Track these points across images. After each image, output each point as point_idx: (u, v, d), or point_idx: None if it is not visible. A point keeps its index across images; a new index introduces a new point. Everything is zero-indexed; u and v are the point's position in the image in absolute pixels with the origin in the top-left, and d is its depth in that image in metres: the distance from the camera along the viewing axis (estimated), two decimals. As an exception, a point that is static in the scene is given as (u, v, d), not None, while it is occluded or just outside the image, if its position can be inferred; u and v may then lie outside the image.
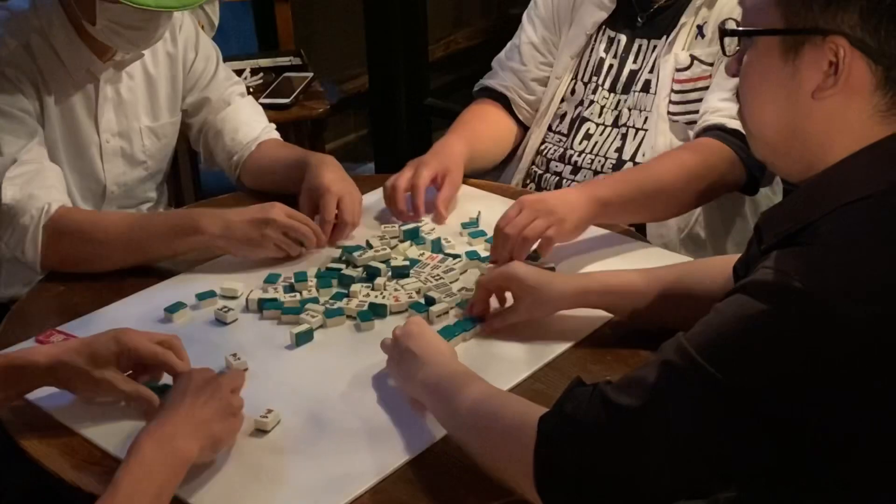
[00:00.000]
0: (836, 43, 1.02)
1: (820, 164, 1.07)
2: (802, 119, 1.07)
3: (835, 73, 1.03)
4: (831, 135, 1.06)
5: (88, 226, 1.67)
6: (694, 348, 1.01)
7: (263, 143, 1.99)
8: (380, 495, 1.19)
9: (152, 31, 1.76)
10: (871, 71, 1.03)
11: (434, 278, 1.60)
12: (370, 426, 1.30)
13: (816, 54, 1.04)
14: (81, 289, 1.62)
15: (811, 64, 1.04)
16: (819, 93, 1.04)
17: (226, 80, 2.03)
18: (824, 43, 1.03)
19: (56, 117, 1.83)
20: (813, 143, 1.07)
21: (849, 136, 1.05)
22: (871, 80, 1.03)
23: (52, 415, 1.33)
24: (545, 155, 2.01)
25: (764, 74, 1.09)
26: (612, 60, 1.97)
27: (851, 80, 1.03)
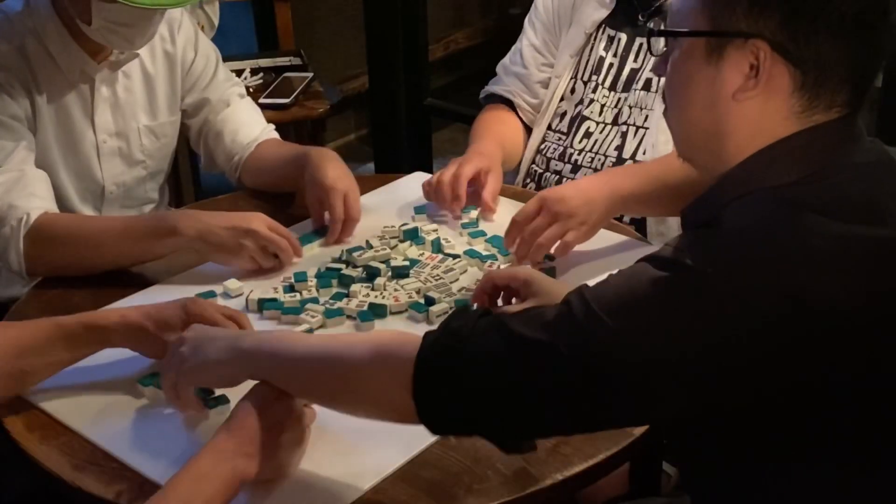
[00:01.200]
0: (757, 46, 1.05)
1: (734, 159, 1.11)
2: (722, 119, 1.10)
3: (755, 76, 1.06)
4: (747, 134, 1.09)
5: (69, 232, 1.66)
6: (592, 299, 1.04)
7: (263, 142, 2.00)
8: (380, 495, 1.19)
9: (146, 29, 1.76)
10: (790, 74, 1.06)
11: (434, 278, 1.60)
12: (370, 426, 1.29)
13: (738, 57, 1.07)
14: (81, 289, 1.62)
15: (733, 66, 1.07)
16: (739, 94, 1.08)
17: (225, 81, 2.03)
18: (746, 46, 1.06)
19: (50, 119, 1.83)
20: (729, 141, 1.11)
21: (764, 134, 1.09)
22: (789, 83, 1.06)
23: (52, 415, 1.33)
24: (545, 154, 2.02)
25: (688, 75, 1.12)
26: (612, 59, 1.97)
27: (771, 83, 1.06)
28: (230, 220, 1.64)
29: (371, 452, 1.25)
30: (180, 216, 1.66)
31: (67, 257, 1.65)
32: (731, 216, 1.06)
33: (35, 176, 1.73)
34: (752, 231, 1.03)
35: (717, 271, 1.00)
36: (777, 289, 0.98)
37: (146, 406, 1.35)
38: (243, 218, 1.64)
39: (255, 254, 1.63)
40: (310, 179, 1.79)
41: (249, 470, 1.14)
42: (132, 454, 1.25)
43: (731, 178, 1.10)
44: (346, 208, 1.74)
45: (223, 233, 1.62)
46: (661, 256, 1.05)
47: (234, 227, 1.62)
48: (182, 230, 1.62)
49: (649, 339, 1.00)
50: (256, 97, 2.75)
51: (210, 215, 1.65)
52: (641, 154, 1.89)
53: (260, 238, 1.62)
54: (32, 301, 1.63)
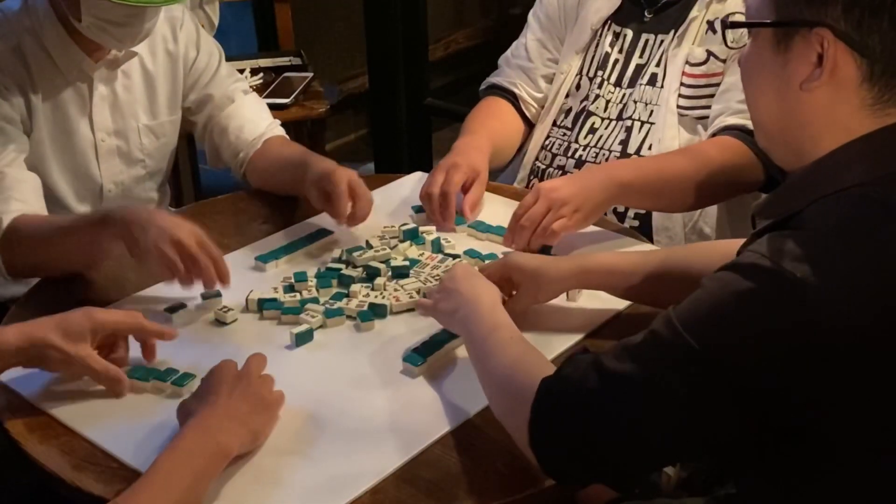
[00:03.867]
0: (822, 35, 1.05)
1: (811, 154, 1.10)
2: (793, 110, 1.10)
3: (821, 66, 1.06)
4: (820, 126, 1.09)
5: (34, 232, 1.65)
6: (678, 320, 1.04)
7: (269, 140, 1.99)
8: (380, 495, 1.19)
9: (138, 28, 1.76)
10: (857, 64, 1.05)
11: (434, 278, 1.60)
12: (370, 426, 1.30)
13: (804, 46, 1.06)
14: (81, 289, 1.62)
15: (800, 56, 1.07)
16: (807, 84, 1.07)
17: (228, 77, 2.03)
18: (810, 35, 1.05)
19: (47, 119, 1.83)
20: (804, 134, 1.10)
21: (838, 127, 1.08)
22: (856, 73, 1.05)
23: (52, 415, 1.33)
24: (549, 150, 2.02)
25: (759, 66, 1.13)
26: (617, 55, 1.98)
27: (837, 73, 1.05)
28: (163, 221, 1.52)
29: (371, 452, 1.25)
30: (121, 208, 1.59)
31: (39, 257, 1.64)
32: (817, 217, 1.04)
33: (18, 178, 1.72)
34: (846, 233, 1.01)
35: (811, 276, 0.98)
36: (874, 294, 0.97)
37: (146, 406, 1.35)
38: (175, 224, 1.52)
39: (170, 263, 1.49)
40: (313, 178, 1.77)
41: (231, 445, 1.17)
42: (132, 454, 1.25)
43: (810, 174, 1.09)
44: (353, 191, 1.73)
45: (150, 229, 1.50)
46: (742, 263, 1.04)
47: (161, 228, 1.50)
48: (114, 220, 1.54)
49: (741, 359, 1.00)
50: (256, 97, 2.75)
51: (151, 212, 1.56)
52: (647, 149, 1.89)
53: (181, 248, 1.49)
54: (33, 300, 1.62)
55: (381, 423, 1.30)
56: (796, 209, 1.07)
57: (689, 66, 1.87)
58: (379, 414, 1.32)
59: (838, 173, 1.06)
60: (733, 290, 1.02)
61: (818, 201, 1.05)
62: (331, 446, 1.27)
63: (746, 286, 1.01)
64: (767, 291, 1.00)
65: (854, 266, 0.99)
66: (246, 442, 1.21)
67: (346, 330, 1.51)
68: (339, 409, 1.33)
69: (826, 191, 1.05)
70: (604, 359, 1.08)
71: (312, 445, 1.27)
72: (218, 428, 1.18)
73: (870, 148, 1.06)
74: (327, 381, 1.39)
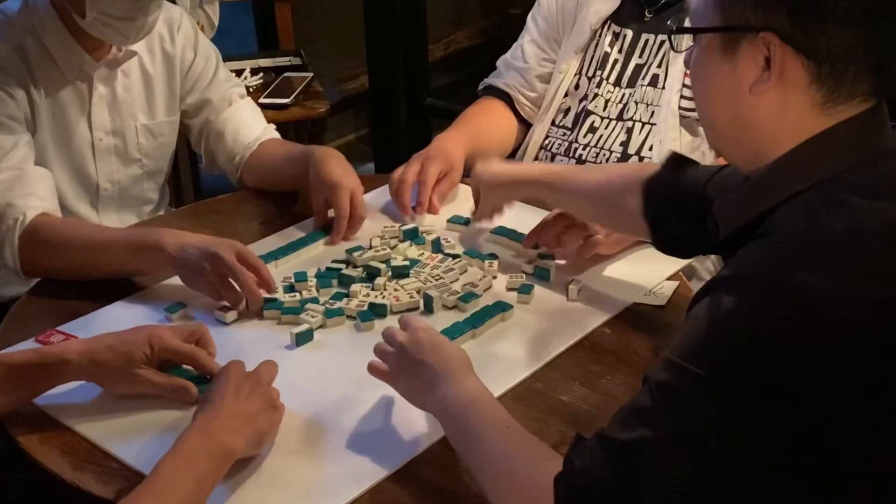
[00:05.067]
0: (768, 39, 1.05)
1: (767, 154, 1.10)
2: (745, 112, 1.10)
3: (769, 69, 1.06)
4: (773, 127, 1.09)
5: (60, 237, 1.65)
6: (678, 357, 1.01)
7: (265, 142, 2.00)
8: (380, 495, 1.19)
9: (142, 21, 1.76)
10: (804, 66, 1.05)
11: (434, 278, 1.60)
12: (370, 426, 1.30)
13: (751, 50, 1.07)
14: (81, 289, 1.62)
15: (748, 60, 1.07)
16: (756, 87, 1.08)
17: (226, 81, 2.04)
18: (757, 39, 1.06)
19: (48, 118, 1.84)
20: (758, 135, 1.11)
21: (791, 127, 1.08)
22: (804, 74, 1.05)
23: (52, 415, 1.33)
24: (549, 149, 2.02)
25: (708, 70, 1.13)
26: (617, 55, 1.98)
27: (786, 76, 1.06)
28: (204, 241, 1.54)
29: (371, 452, 1.25)
30: (165, 233, 1.58)
31: (59, 262, 1.64)
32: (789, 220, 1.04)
33: (36, 175, 1.74)
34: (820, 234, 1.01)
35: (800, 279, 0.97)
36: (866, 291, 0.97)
37: (146, 406, 1.35)
38: (214, 241, 1.54)
39: (215, 280, 1.51)
40: (314, 177, 1.78)
41: (235, 446, 1.16)
42: (132, 454, 1.25)
43: (770, 176, 1.09)
44: (354, 207, 1.74)
45: (191, 251, 1.53)
46: (728, 277, 1.02)
47: (202, 249, 1.52)
48: (166, 246, 1.55)
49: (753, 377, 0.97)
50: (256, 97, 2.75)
51: (191, 236, 1.57)
52: (647, 150, 1.89)
53: (222, 265, 1.50)
54: (33, 301, 1.62)
55: (381, 423, 1.30)
56: (762, 210, 1.08)
57: None
58: (379, 414, 1.32)
59: (798, 174, 1.07)
60: (728, 309, 1.00)
61: (786, 202, 1.06)
62: (331, 446, 1.27)
63: (731, 302, 1.00)
64: (764, 301, 0.99)
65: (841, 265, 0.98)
66: (251, 442, 1.20)
67: (346, 330, 1.51)
68: (339, 409, 1.33)
69: (790, 191, 1.06)
70: (610, 433, 1.03)
71: (312, 445, 1.27)
72: (221, 428, 1.16)
73: (825, 146, 1.07)
74: (327, 381, 1.39)
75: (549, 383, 1.38)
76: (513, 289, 1.59)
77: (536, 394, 1.36)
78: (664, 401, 1.01)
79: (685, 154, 1.90)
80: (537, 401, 1.34)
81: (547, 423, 1.29)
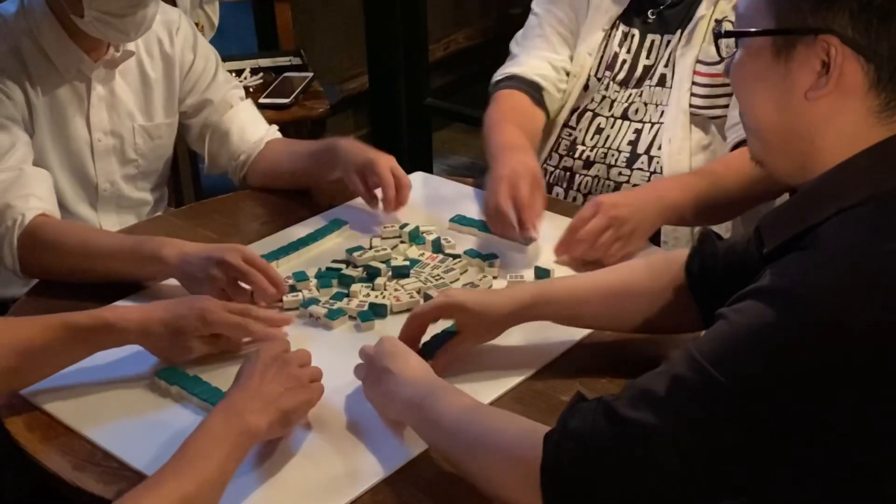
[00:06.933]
0: (828, 42, 1.02)
1: (814, 164, 1.07)
2: (797, 119, 1.06)
3: (826, 73, 1.03)
4: (826, 135, 1.05)
5: (59, 240, 1.64)
6: (705, 359, 0.99)
7: (271, 141, 2.00)
8: (380, 495, 1.19)
9: (140, 16, 1.76)
10: (864, 71, 1.02)
11: (434, 278, 1.60)
12: (370, 426, 1.30)
13: (808, 54, 1.03)
14: (81, 288, 1.62)
15: (803, 64, 1.04)
16: (812, 93, 1.04)
17: (226, 83, 2.04)
18: (815, 42, 1.02)
19: (46, 119, 1.84)
20: (807, 144, 1.07)
21: (844, 136, 1.05)
22: (863, 80, 1.02)
23: (52, 415, 1.33)
24: (557, 150, 2.02)
25: (758, 75, 1.09)
26: (625, 55, 1.97)
27: (844, 81, 1.02)
28: (206, 249, 1.56)
29: (371, 452, 1.25)
30: (163, 244, 1.58)
31: (57, 264, 1.64)
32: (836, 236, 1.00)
33: (35, 175, 1.73)
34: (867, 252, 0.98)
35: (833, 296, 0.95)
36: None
37: (146, 406, 1.35)
38: (219, 248, 1.55)
39: (225, 285, 1.52)
40: (348, 162, 1.79)
41: (259, 426, 1.17)
42: (132, 454, 1.25)
43: (821, 188, 1.05)
44: (395, 176, 1.76)
45: (196, 261, 1.53)
46: (767, 288, 0.99)
47: (208, 257, 1.53)
48: (166, 258, 1.56)
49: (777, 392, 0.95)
50: (256, 97, 2.75)
51: (191, 245, 1.58)
52: (657, 149, 1.89)
53: (231, 269, 1.51)
54: (33, 301, 1.62)
55: (381, 423, 1.30)
56: (809, 225, 1.03)
57: (702, 66, 1.87)
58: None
59: (849, 187, 1.03)
60: (756, 321, 0.98)
61: (835, 216, 1.02)
62: (331, 446, 1.27)
63: (767, 314, 0.97)
64: (788, 317, 0.96)
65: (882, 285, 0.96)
66: (275, 422, 1.20)
67: (346, 330, 1.51)
68: (339, 409, 1.33)
69: (840, 206, 1.02)
70: (617, 406, 1.01)
71: (312, 445, 1.27)
72: (244, 408, 1.17)
73: (880, 158, 1.03)
74: (327, 381, 1.38)
75: (549, 383, 1.38)
76: (513, 289, 1.58)
77: (536, 394, 1.35)
78: (680, 397, 0.99)
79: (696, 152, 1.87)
80: (537, 401, 1.34)
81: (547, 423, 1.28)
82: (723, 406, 0.98)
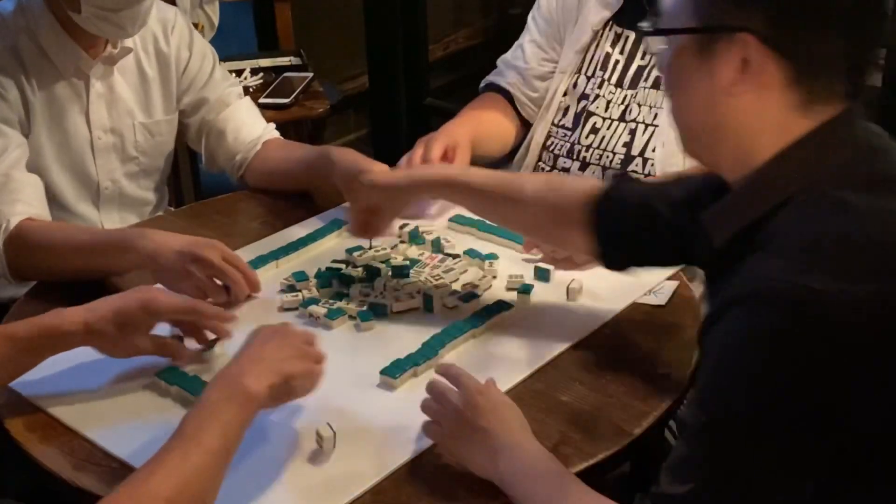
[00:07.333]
0: (745, 40, 1.04)
1: (751, 158, 1.09)
2: (723, 115, 1.09)
3: (747, 71, 1.05)
4: (753, 130, 1.08)
5: (42, 240, 1.64)
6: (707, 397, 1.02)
7: (268, 142, 2.00)
8: (380, 495, 1.19)
9: (136, 11, 1.76)
10: (782, 68, 1.05)
11: (434, 278, 1.60)
12: (370, 426, 1.30)
13: (728, 52, 1.06)
14: (80, 288, 1.61)
15: (725, 61, 1.06)
16: (733, 89, 1.07)
17: (223, 81, 2.04)
18: (734, 40, 1.05)
19: (44, 117, 1.84)
20: (739, 139, 1.10)
21: (772, 130, 1.08)
22: (782, 76, 1.05)
23: (52, 415, 1.33)
24: (552, 150, 2.02)
25: (683, 72, 1.12)
26: (619, 56, 1.98)
27: (763, 78, 1.05)
28: (184, 242, 1.55)
29: (371, 452, 1.25)
30: (139, 234, 1.60)
31: (46, 265, 1.64)
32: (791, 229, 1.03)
33: (22, 181, 1.72)
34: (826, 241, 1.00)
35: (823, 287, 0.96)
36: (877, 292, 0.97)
37: (146, 406, 1.35)
38: (196, 243, 1.55)
39: (202, 284, 1.53)
40: (342, 172, 1.75)
41: (257, 388, 1.15)
42: (132, 454, 1.25)
43: (761, 181, 1.08)
44: None
45: (172, 255, 1.53)
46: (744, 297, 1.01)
47: (185, 251, 1.53)
48: (136, 247, 1.56)
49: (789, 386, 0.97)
50: (256, 97, 2.75)
51: (169, 236, 1.57)
52: (651, 151, 1.89)
53: (209, 267, 1.52)
54: (33, 301, 1.62)
55: (381, 423, 1.30)
56: (756, 216, 1.07)
57: None
58: (379, 414, 1.32)
59: (790, 176, 1.06)
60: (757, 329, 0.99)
61: (785, 206, 1.05)
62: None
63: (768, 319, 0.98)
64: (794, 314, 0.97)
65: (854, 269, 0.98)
66: (277, 385, 1.18)
67: (345, 330, 1.51)
68: (339, 409, 1.33)
69: (784, 195, 1.05)
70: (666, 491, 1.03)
71: (313, 445, 1.27)
72: (241, 373, 1.16)
73: (816, 147, 1.06)
74: (327, 380, 1.38)
75: (549, 383, 1.38)
76: (513, 289, 1.59)
77: (536, 394, 1.36)
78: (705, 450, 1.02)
79: None
80: (537, 401, 1.34)
81: (547, 423, 1.29)
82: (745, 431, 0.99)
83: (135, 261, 1.58)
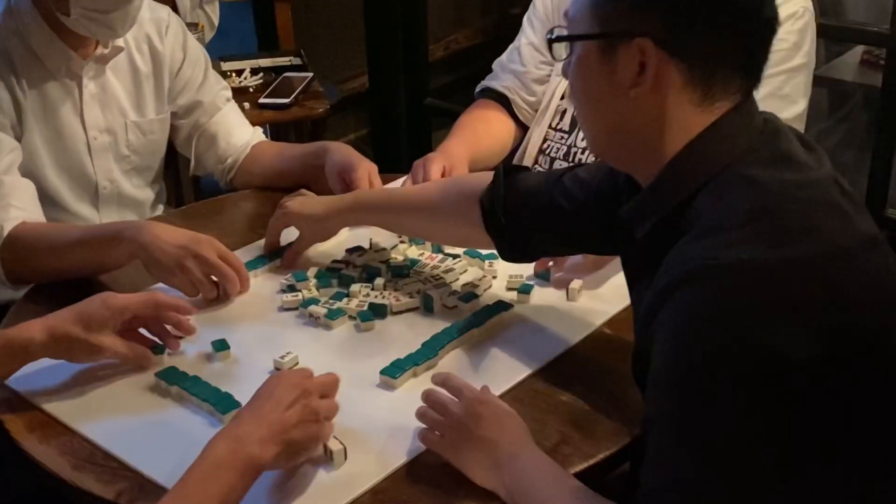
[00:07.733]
0: (643, 45, 1.08)
1: (658, 155, 1.13)
2: (627, 117, 1.13)
3: (645, 73, 1.09)
4: (658, 129, 1.12)
5: (36, 241, 1.64)
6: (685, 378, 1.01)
7: (257, 145, 2.03)
8: (380, 495, 1.19)
9: (125, 12, 1.76)
10: (678, 69, 1.09)
11: (434, 278, 1.60)
12: (370, 426, 1.30)
13: (628, 56, 1.10)
14: (79, 289, 1.61)
15: (625, 65, 1.10)
16: (633, 90, 1.10)
17: (216, 84, 2.05)
18: (632, 45, 1.09)
19: (38, 120, 1.83)
20: (644, 138, 1.13)
21: (674, 128, 1.11)
22: (678, 77, 1.09)
23: (51, 414, 1.33)
24: (548, 154, 2.02)
25: (587, 77, 1.16)
26: None
27: (661, 79, 1.09)
28: (179, 236, 1.55)
29: (371, 452, 1.25)
30: (133, 226, 1.59)
31: (39, 266, 1.64)
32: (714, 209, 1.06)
33: (14, 185, 1.72)
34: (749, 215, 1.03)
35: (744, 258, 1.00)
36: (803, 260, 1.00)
37: (146, 406, 1.35)
38: (193, 238, 1.55)
39: (197, 281, 1.53)
40: (333, 164, 1.82)
41: (264, 457, 1.12)
42: (132, 454, 1.25)
43: (672, 174, 1.12)
44: (371, 184, 1.78)
45: (170, 249, 1.53)
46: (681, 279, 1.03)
47: (180, 246, 1.53)
48: (129, 238, 1.55)
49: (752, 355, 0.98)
50: (256, 97, 2.76)
51: (164, 229, 1.57)
52: None
53: (205, 264, 1.53)
54: (32, 301, 1.62)
55: (381, 423, 1.30)
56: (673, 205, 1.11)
57: None
58: (379, 414, 1.32)
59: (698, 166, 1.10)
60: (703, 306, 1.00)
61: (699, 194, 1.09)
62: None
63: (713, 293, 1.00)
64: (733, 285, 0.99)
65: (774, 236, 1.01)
66: (283, 455, 1.15)
67: (345, 330, 1.51)
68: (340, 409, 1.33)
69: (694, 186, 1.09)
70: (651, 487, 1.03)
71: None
72: (249, 437, 1.12)
73: (717, 138, 1.10)
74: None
75: (549, 383, 1.38)
76: (513, 289, 1.59)
77: (536, 394, 1.36)
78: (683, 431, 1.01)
79: None
80: (537, 401, 1.34)
81: (547, 423, 1.29)
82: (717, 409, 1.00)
83: (129, 250, 1.57)
